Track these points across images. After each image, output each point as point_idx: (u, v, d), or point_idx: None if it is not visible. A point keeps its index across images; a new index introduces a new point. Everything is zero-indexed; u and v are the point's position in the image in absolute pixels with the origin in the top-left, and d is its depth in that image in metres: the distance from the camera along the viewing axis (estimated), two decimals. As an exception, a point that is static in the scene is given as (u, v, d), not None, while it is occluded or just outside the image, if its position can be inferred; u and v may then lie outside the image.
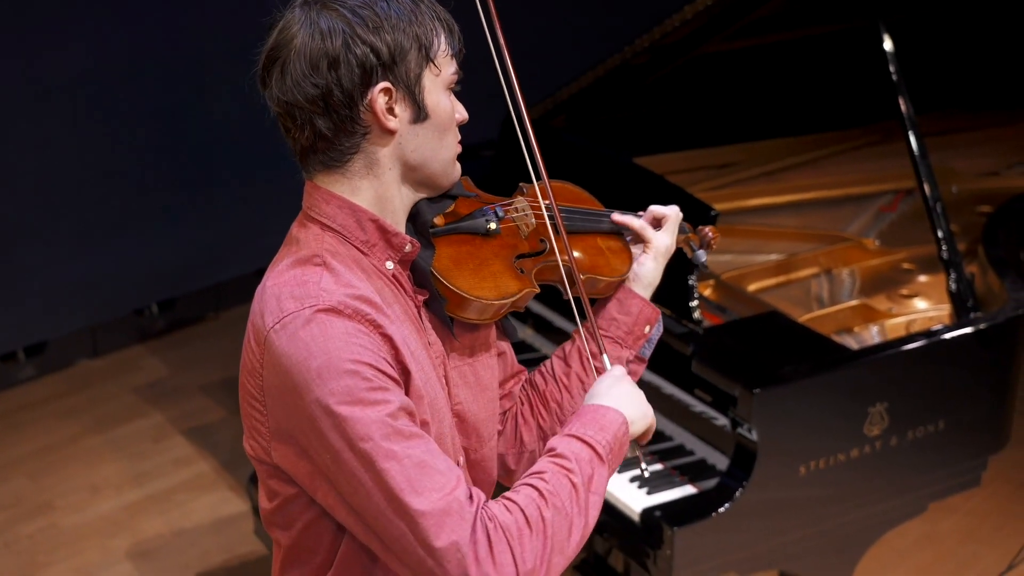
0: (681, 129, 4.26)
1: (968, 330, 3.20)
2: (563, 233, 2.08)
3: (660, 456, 3.14)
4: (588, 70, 3.94)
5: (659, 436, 3.21)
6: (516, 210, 2.12)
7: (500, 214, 2.07)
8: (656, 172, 3.52)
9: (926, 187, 3.36)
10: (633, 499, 3.02)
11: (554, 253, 2.09)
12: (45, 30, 4.75)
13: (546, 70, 4.18)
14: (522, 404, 2.24)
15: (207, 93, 5.23)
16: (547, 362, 2.25)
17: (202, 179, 5.37)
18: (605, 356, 2.09)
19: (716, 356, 3.06)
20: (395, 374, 1.84)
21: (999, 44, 4.70)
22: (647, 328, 2.20)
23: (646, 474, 2.05)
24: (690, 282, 3.16)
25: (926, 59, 4.35)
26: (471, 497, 1.80)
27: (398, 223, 1.95)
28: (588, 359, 2.18)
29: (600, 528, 3.10)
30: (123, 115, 5.04)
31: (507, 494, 1.84)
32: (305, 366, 1.79)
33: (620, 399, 1.98)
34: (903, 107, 3.41)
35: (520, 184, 2.16)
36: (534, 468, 1.89)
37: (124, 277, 5.25)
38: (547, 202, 2.10)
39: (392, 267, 1.94)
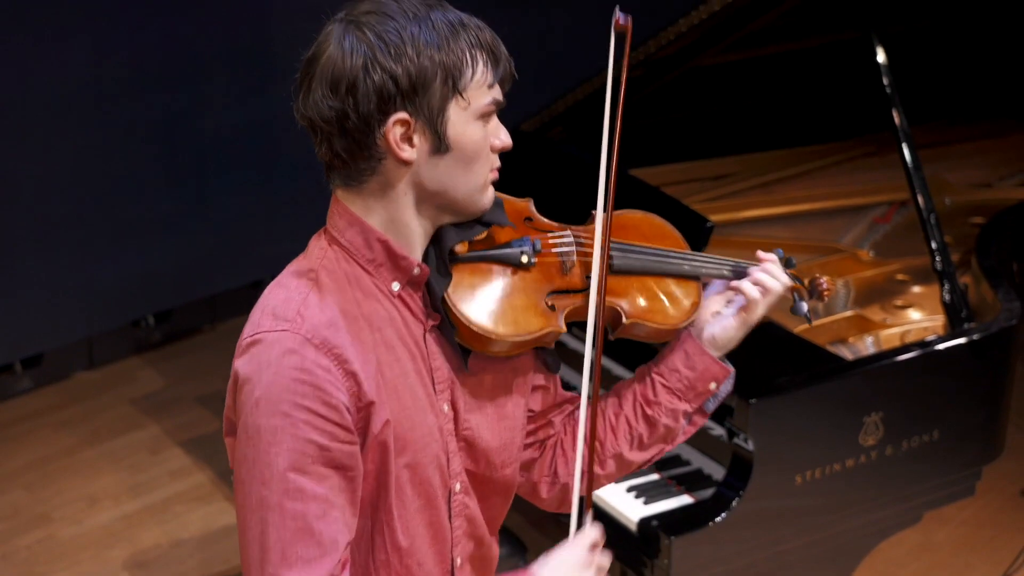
0: (676, 141, 4.28)
1: (962, 340, 3.21)
2: (603, 271, 1.98)
3: (656, 466, 3.16)
4: (584, 82, 3.96)
5: (655, 446, 3.22)
6: (558, 244, 2.02)
7: (538, 247, 1.98)
8: (652, 184, 3.54)
9: (920, 199, 3.38)
10: (630, 508, 3.03)
11: (596, 294, 1.99)
12: (44, 39, 4.76)
13: (542, 82, 4.20)
14: (564, 435, 2.19)
15: (205, 104, 5.24)
16: (601, 399, 2.19)
17: (199, 190, 5.38)
18: (573, 524, 2.00)
19: (712, 367, 3.07)
20: (341, 418, 1.83)
21: (991, 55, 4.73)
22: (712, 385, 2.13)
23: None
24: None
25: (919, 71, 4.38)
26: None
27: (411, 246, 1.92)
28: (641, 404, 2.11)
29: (597, 538, 3.12)
30: (120, 125, 5.06)
31: None
32: (250, 390, 1.83)
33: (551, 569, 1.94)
34: (896, 119, 3.43)
35: (593, 212, 2.08)
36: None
37: (120, 288, 5.25)
38: (599, 239, 2.01)
39: (398, 288, 1.92)
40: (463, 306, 1.92)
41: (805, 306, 2.21)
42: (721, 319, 2.13)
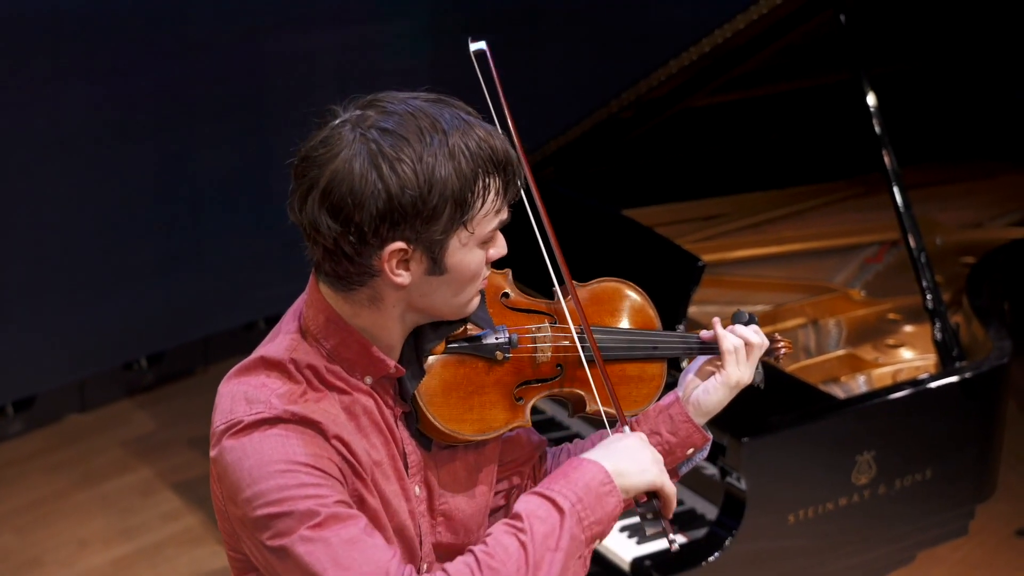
0: (668, 181, 4.30)
1: (954, 379, 3.22)
2: (599, 361, 1.95)
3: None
4: (576, 123, 3.98)
5: (648, 486, 3.22)
6: (535, 340, 1.97)
7: (515, 342, 1.93)
8: (644, 224, 3.56)
9: (910, 238, 3.40)
10: (623, 548, 3.03)
11: (566, 383, 1.98)
12: (36, 86, 4.79)
13: (534, 123, 4.23)
14: (533, 482, 2.16)
15: (198, 148, 5.26)
16: (575, 443, 2.17)
17: (191, 233, 5.39)
18: (627, 428, 1.96)
19: (705, 406, 3.07)
20: (336, 473, 1.80)
21: (979, 97, 4.76)
22: (690, 451, 2.09)
23: (674, 547, 1.90)
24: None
25: (908, 112, 4.41)
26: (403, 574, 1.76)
27: (390, 348, 1.88)
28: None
29: (590, 578, 3.11)
30: (114, 169, 5.07)
31: (445, 564, 1.80)
32: (239, 467, 1.78)
33: (609, 453, 1.88)
34: (887, 160, 3.45)
35: (557, 290, 2.01)
36: (486, 531, 1.83)
37: (113, 331, 5.25)
38: (580, 332, 1.97)
39: (371, 381, 1.88)
40: (432, 404, 1.89)
41: (761, 372, 2.13)
42: (706, 385, 2.09)
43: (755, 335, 2.08)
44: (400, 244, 1.76)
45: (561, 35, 5.98)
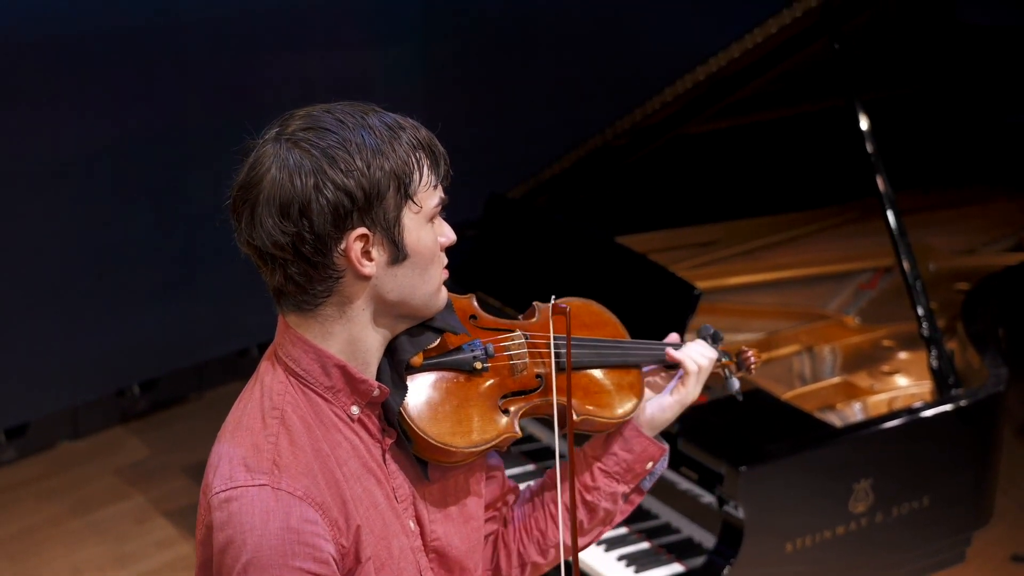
0: (662, 208, 4.30)
1: (949, 406, 3.22)
2: (568, 374, 1.98)
3: (647, 535, 3.15)
4: (570, 150, 3.99)
5: (645, 515, 3.21)
6: (510, 347, 2.00)
7: (490, 351, 1.96)
8: (638, 251, 3.56)
9: (905, 265, 3.40)
10: (620, 578, 3.02)
11: (549, 392, 2.00)
12: (31, 113, 4.79)
13: (528, 150, 4.23)
14: (504, 526, 2.16)
15: (193, 173, 5.26)
16: (537, 485, 2.18)
17: (184, 259, 5.39)
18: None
19: (702, 434, 3.07)
20: (331, 571, 1.79)
21: (973, 122, 4.78)
22: (649, 464, 2.13)
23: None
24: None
25: (901, 138, 4.42)
26: None
27: (368, 364, 1.87)
28: (580, 490, 2.10)
29: (587, 607, 3.10)
30: (109, 194, 5.07)
31: None
32: (235, 554, 1.77)
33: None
34: (881, 186, 3.46)
35: (535, 304, 2.07)
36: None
37: (105, 358, 5.24)
38: (557, 341, 2.00)
39: (358, 412, 1.87)
40: (419, 420, 1.89)
41: (736, 383, 2.22)
42: (657, 400, 2.14)
43: (706, 355, 2.15)
44: (362, 230, 1.77)
45: (555, 62, 6.00)
